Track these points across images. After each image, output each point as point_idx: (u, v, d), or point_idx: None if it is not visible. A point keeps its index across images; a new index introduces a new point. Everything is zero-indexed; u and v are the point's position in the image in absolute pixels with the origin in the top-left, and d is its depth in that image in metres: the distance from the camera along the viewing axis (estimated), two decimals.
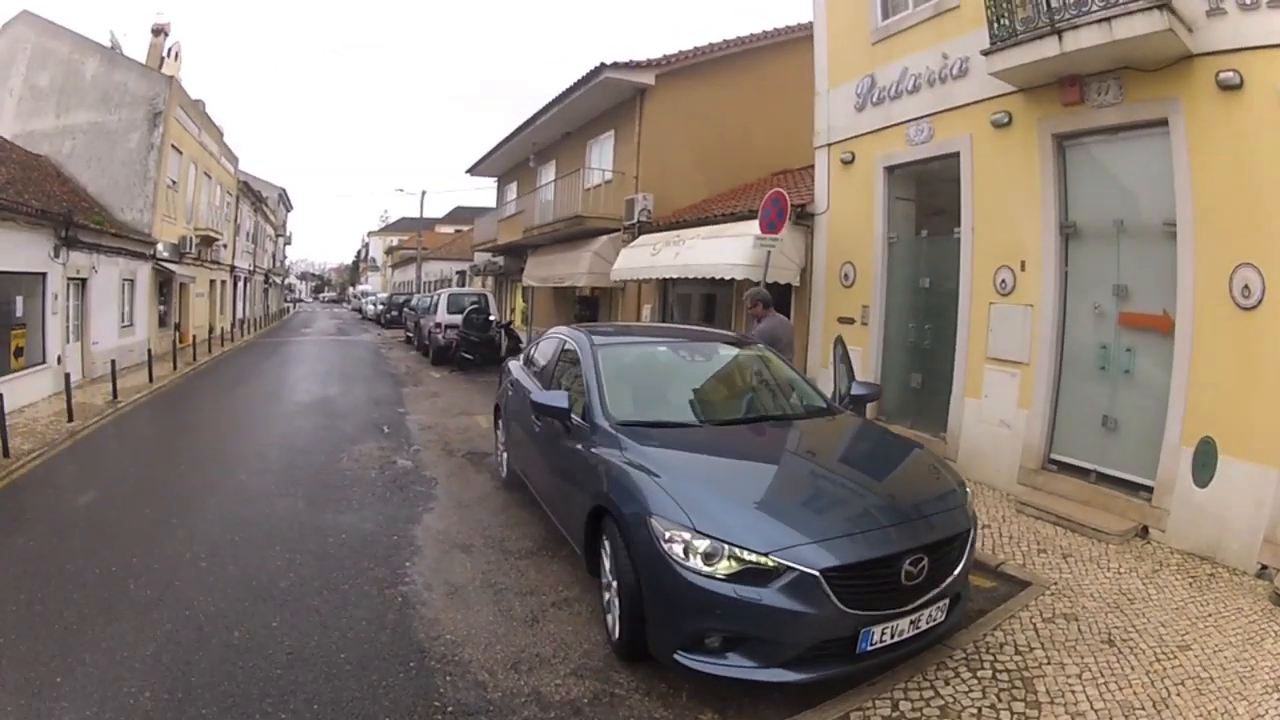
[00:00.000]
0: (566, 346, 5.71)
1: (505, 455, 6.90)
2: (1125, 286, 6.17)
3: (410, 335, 24.56)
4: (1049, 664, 3.81)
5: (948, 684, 3.60)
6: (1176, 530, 5.46)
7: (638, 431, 4.28)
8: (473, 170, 26.30)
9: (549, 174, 19.83)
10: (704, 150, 14.97)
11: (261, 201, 37.99)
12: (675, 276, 11.85)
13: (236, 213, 30.88)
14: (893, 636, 3.37)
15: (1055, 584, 4.85)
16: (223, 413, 11.82)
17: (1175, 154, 5.51)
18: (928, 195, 8.82)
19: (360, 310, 51.24)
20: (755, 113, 15.06)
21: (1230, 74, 5.07)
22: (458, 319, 17.52)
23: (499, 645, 4.03)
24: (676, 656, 3.35)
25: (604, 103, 15.85)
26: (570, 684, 3.65)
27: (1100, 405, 6.38)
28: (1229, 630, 4.23)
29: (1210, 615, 4.42)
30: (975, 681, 3.63)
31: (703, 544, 3.26)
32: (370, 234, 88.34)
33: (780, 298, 10.90)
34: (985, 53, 6.54)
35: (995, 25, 6.38)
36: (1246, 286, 5.07)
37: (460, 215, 61.97)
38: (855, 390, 5.83)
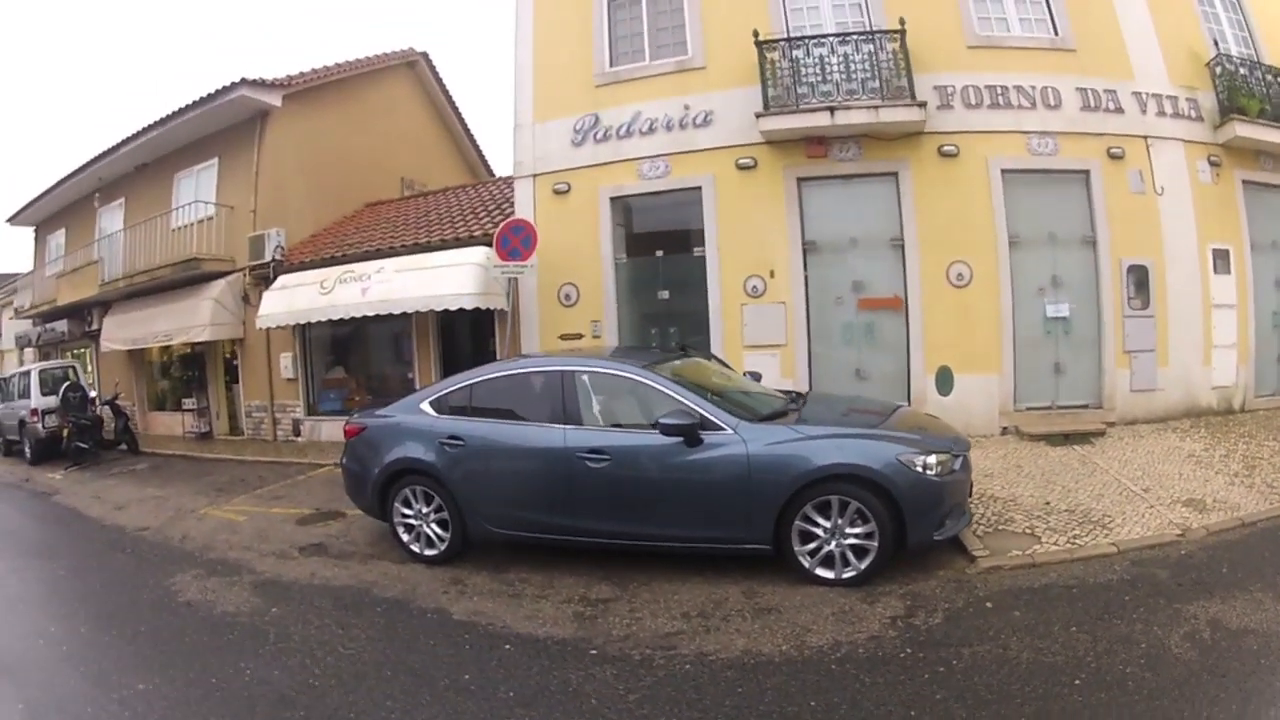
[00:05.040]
0: (585, 378, 6.04)
1: (429, 528, 6.37)
2: (861, 282, 9.91)
3: None
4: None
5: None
6: None
7: (783, 420, 5.67)
8: (15, 219, 21.38)
9: (115, 215, 16.88)
10: (317, 181, 14.74)
11: None
12: (371, 314, 11.53)
13: None
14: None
15: None
16: None
17: (903, 196, 9.48)
18: (641, 222, 11.11)
19: None
20: (357, 142, 15.58)
21: (951, 147, 9.25)
22: (55, 402, 14.67)
23: (793, 624, 4.74)
24: (935, 536, 5.24)
25: (209, 127, 14.13)
26: (885, 605, 4.94)
27: (851, 363, 10.04)
28: (1029, 454, 8.31)
29: (1009, 454, 8.36)
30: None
31: (933, 458, 5.22)
32: None
33: (480, 324, 11.91)
34: (760, 115, 9.37)
35: (769, 95, 9.30)
36: (960, 274, 9.36)
37: None
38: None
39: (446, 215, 13.37)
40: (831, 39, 9.69)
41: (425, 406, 6.57)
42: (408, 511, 6.47)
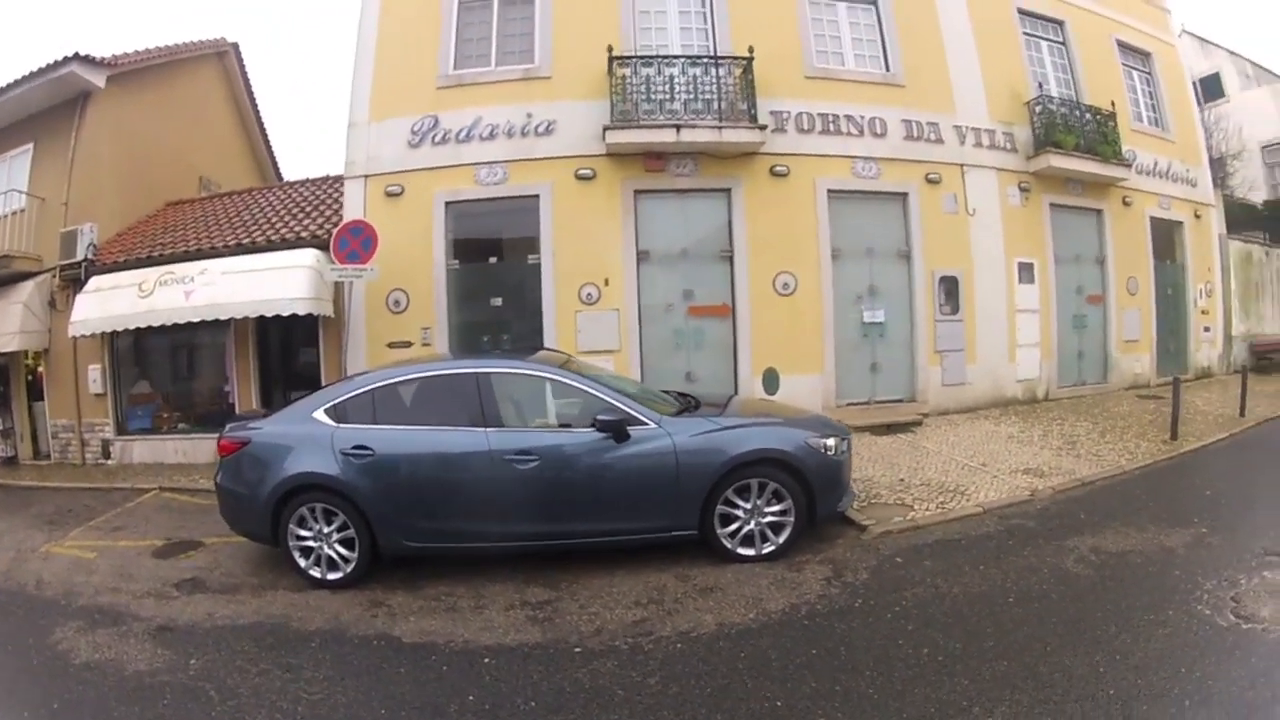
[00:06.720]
0: (500, 379, 6.03)
1: (332, 549, 5.90)
2: (692, 290, 10.43)
3: None
4: None
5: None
6: None
7: (696, 412, 6.23)
8: None
9: None
10: (127, 174, 13.80)
11: None
12: (196, 320, 10.77)
13: None
14: None
15: None
16: None
17: (734, 212, 10.16)
18: (476, 228, 11.00)
19: None
20: (164, 135, 14.71)
21: (782, 167, 10.06)
22: None
23: (743, 596, 5.15)
24: (838, 508, 6.10)
25: (29, 107, 12.92)
26: (812, 571, 5.51)
27: (682, 366, 10.48)
28: (861, 443, 8.63)
29: None
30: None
31: (831, 440, 5.97)
32: None
33: (292, 333, 11.55)
34: (607, 128, 9.76)
35: (617, 110, 9.75)
36: (785, 283, 10.08)
37: None
38: None
39: (262, 216, 12.85)
40: (682, 60, 10.30)
41: (320, 415, 6.05)
42: (305, 533, 5.89)
